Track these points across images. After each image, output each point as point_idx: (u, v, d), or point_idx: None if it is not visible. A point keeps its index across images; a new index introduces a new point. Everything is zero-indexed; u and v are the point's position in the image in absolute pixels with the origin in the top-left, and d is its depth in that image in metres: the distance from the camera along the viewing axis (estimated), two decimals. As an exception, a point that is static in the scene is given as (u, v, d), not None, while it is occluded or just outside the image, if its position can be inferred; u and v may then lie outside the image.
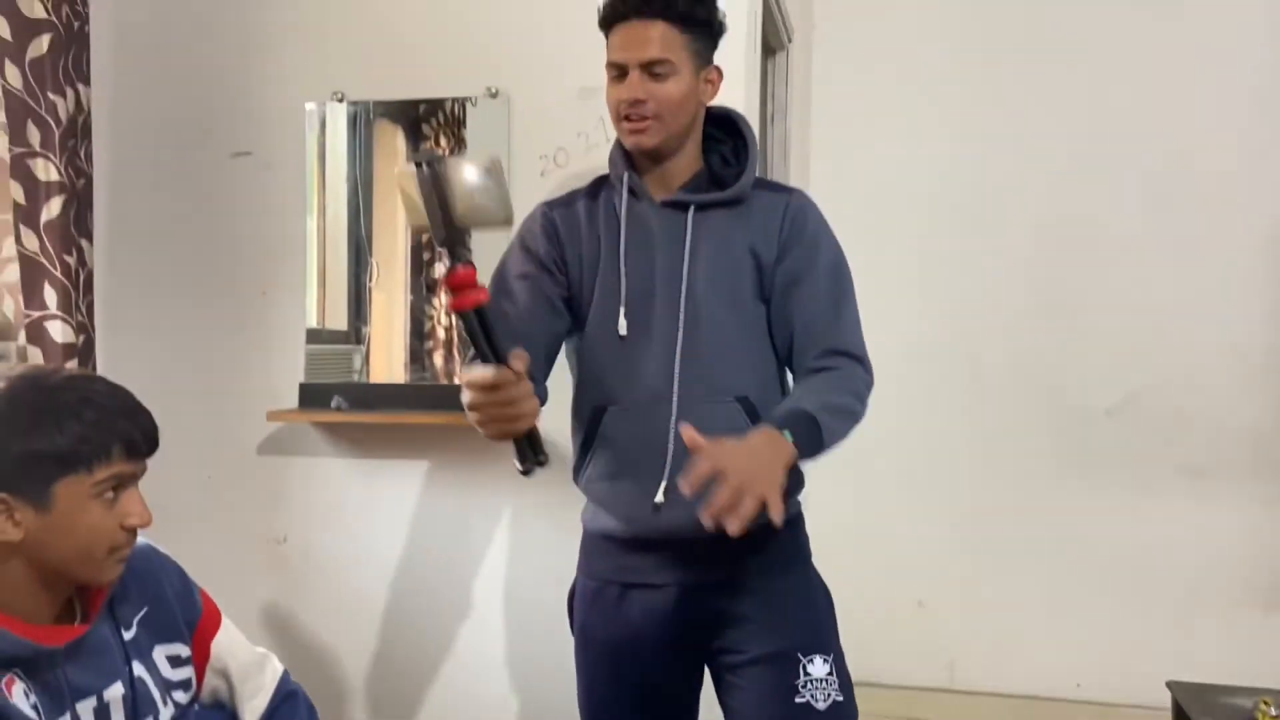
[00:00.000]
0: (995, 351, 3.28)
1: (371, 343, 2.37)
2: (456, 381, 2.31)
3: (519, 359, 1.23)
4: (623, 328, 1.55)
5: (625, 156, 1.62)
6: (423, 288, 2.33)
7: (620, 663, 1.61)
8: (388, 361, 2.37)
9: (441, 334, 2.34)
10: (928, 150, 3.32)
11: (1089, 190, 3.22)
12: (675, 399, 1.53)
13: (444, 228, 1.20)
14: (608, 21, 1.58)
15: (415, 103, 2.30)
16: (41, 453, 1.10)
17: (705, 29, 1.58)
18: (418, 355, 2.35)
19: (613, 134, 2.17)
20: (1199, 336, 3.16)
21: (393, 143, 2.36)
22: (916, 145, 3.32)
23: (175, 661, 1.27)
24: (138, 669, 1.22)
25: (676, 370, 1.53)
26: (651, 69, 1.53)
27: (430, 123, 2.31)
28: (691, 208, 1.58)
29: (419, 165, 1.20)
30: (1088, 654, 3.20)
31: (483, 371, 1.22)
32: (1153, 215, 3.18)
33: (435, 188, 1.19)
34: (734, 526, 1.23)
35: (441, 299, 2.33)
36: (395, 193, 2.35)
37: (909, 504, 3.27)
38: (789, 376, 1.65)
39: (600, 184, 1.67)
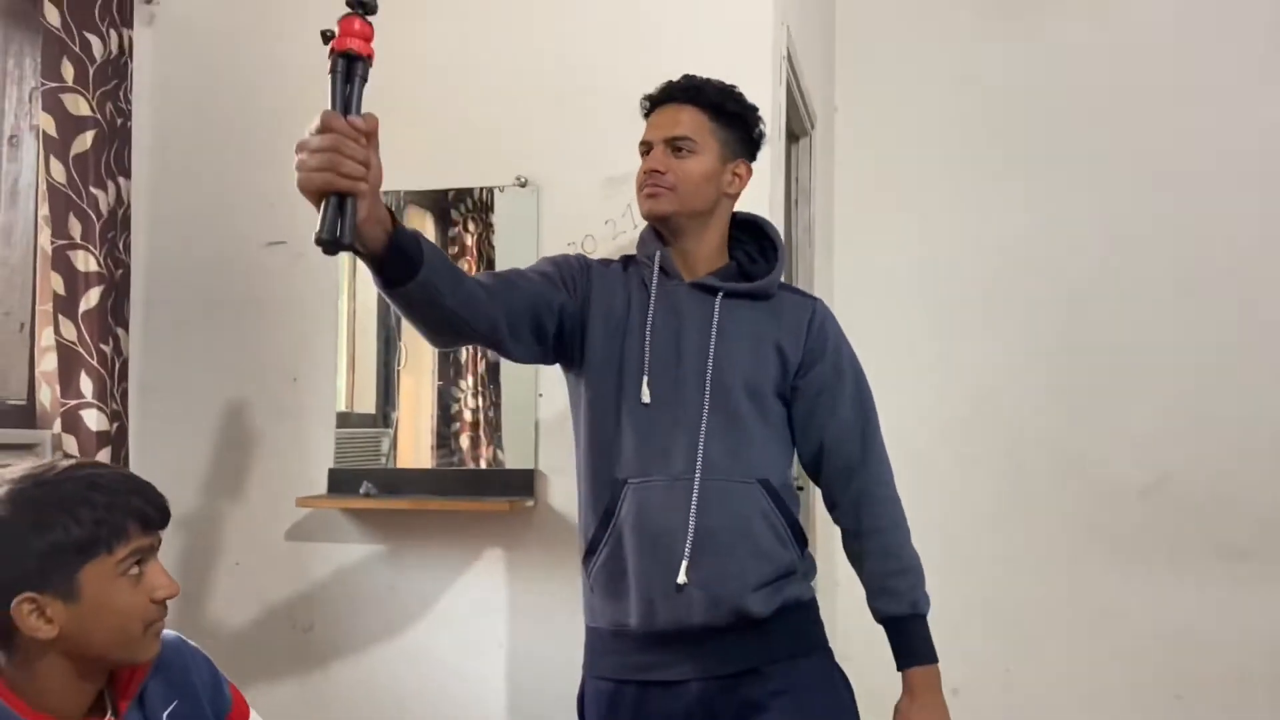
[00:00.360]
0: (1026, 433, 3.25)
1: (399, 427, 2.38)
2: (484, 465, 2.32)
3: (367, 119, 1.12)
4: (645, 395, 1.54)
5: (657, 237, 1.66)
6: (450, 372, 2.35)
7: None
8: (415, 446, 2.38)
9: (469, 416, 2.35)
10: (953, 230, 3.34)
11: (1119, 268, 3.22)
12: (698, 476, 1.51)
13: None
14: (647, 112, 1.66)
15: (444, 191, 2.34)
16: (61, 545, 1.10)
17: (737, 123, 1.63)
18: (445, 439, 2.35)
19: (640, 221, 2.23)
20: (1233, 415, 3.12)
21: (422, 227, 2.40)
22: (941, 225, 3.35)
23: (203, 756, 1.26)
24: (166, 764, 1.21)
25: (701, 446, 1.52)
26: (674, 144, 1.59)
27: (459, 208, 2.35)
28: (720, 293, 1.60)
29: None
30: (1131, 743, 3.11)
31: None
32: (1185, 292, 3.17)
33: None
34: None
35: (468, 383, 2.34)
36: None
37: (942, 590, 3.19)
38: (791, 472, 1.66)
39: (630, 260, 1.69)
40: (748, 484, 1.53)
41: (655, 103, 1.66)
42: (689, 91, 1.62)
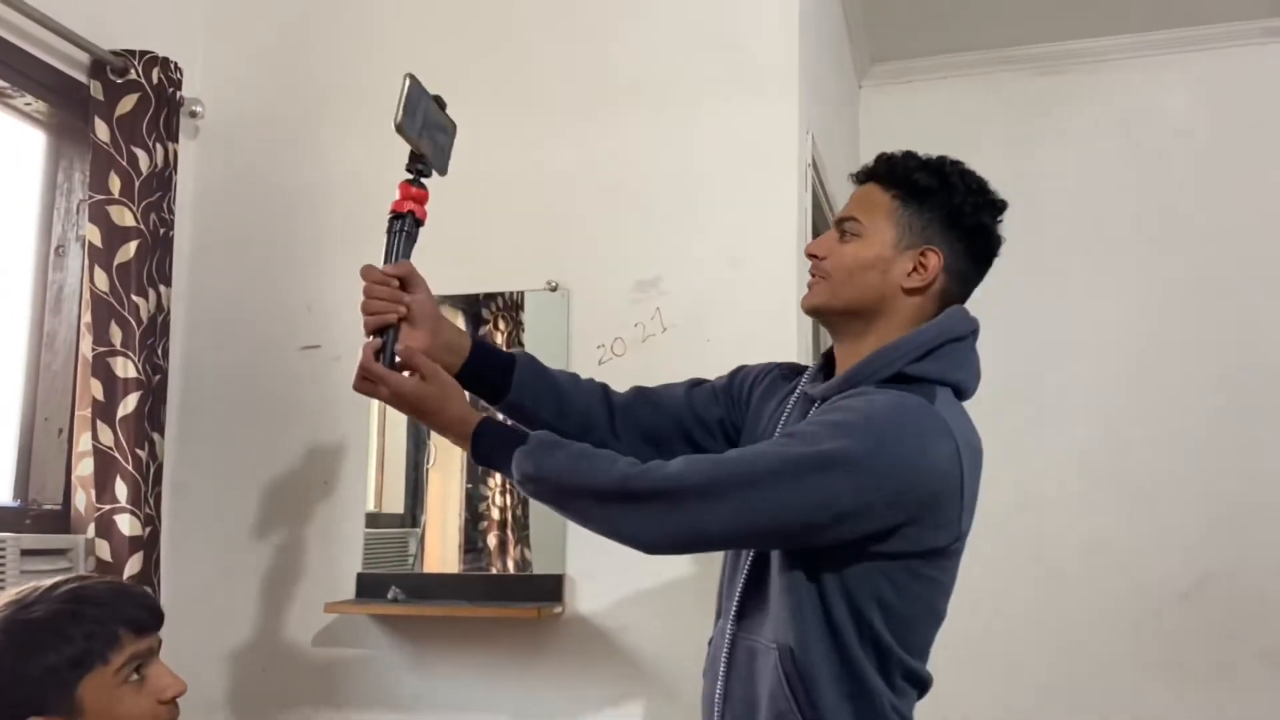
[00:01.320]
0: (1062, 533, 3.19)
1: (427, 527, 2.38)
2: (511, 567, 2.30)
3: (399, 265, 1.33)
4: None
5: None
6: (478, 471, 2.35)
7: None
8: (442, 548, 2.37)
9: (496, 515, 2.34)
10: (984, 330, 3.33)
11: (1158, 366, 3.20)
12: (728, 630, 1.32)
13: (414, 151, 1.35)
14: None
15: (476, 294, 2.38)
16: (54, 665, 1.11)
17: (932, 202, 1.33)
18: (472, 539, 2.34)
19: (669, 323, 2.26)
20: (1277, 515, 3.06)
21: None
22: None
23: None
24: None
25: (737, 597, 1.33)
26: (841, 225, 1.36)
27: (490, 307, 2.38)
28: (817, 401, 1.35)
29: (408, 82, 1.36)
30: None
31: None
32: (1226, 390, 3.13)
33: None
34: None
35: (496, 480, 2.35)
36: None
37: (977, 693, 3.13)
38: (854, 640, 1.26)
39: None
40: (768, 649, 1.26)
41: (856, 180, 1.42)
42: (876, 167, 1.37)
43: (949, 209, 1.33)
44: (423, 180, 1.35)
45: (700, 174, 2.27)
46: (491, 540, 2.33)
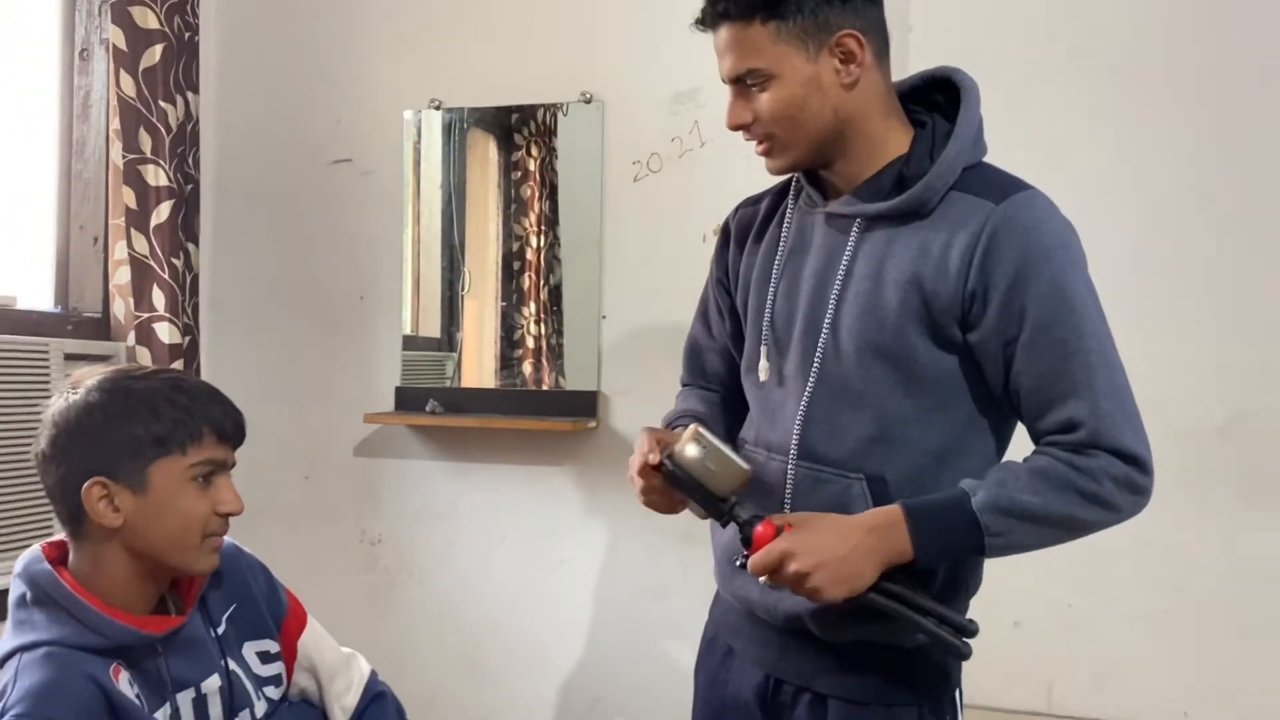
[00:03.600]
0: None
1: (464, 349, 2.39)
2: (545, 388, 2.32)
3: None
4: (763, 371, 1.27)
5: None
6: (513, 295, 2.34)
7: None
8: (479, 367, 2.39)
9: (531, 342, 2.35)
10: (1027, 165, 3.22)
11: (1183, 196, 3.08)
12: (790, 471, 1.23)
13: (705, 505, 1.18)
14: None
15: (508, 110, 2.32)
16: (139, 436, 1.14)
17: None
18: (508, 361, 2.36)
19: (707, 137, 2.19)
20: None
21: (485, 151, 2.38)
22: (1016, 159, 3.23)
23: (265, 657, 1.29)
24: (231, 664, 1.24)
25: (796, 434, 1.22)
26: (742, 83, 1.20)
27: (523, 131, 2.32)
28: (857, 221, 1.22)
29: (659, 468, 1.19)
30: (1194, 681, 3.06)
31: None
32: (1267, 215, 3.03)
33: (679, 479, 1.17)
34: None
35: (530, 309, 2.34)
36: (488, 201, 2.40)
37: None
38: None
39: (791, 184, 1.34)
40: (844, 479, 1.20)
41: (702, 27, 1.23)
42: (714, 7, 1.18)
43: None
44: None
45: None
46: (527, 367, 2.34)
